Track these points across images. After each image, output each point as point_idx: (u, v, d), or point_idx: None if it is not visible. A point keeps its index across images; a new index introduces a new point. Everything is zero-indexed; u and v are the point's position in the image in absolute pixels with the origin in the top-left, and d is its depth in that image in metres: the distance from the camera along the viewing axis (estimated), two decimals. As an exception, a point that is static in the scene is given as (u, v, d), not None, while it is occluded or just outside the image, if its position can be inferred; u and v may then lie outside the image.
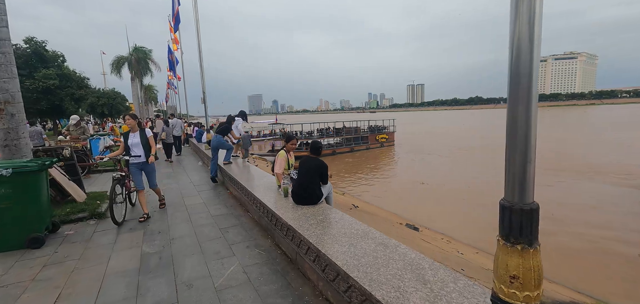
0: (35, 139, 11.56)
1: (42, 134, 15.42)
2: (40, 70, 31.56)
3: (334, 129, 34.26)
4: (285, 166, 4.64)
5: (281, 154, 4.66)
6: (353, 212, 10.72)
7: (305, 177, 3.83)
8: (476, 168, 22.60)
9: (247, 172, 6.33)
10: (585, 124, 55.83)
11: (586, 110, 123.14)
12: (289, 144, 4.73)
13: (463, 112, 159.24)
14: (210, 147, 10.81)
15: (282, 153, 4.67)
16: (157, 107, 69.12)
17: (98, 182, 8.07)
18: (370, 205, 14.29)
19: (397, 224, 11.80)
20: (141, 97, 41.27)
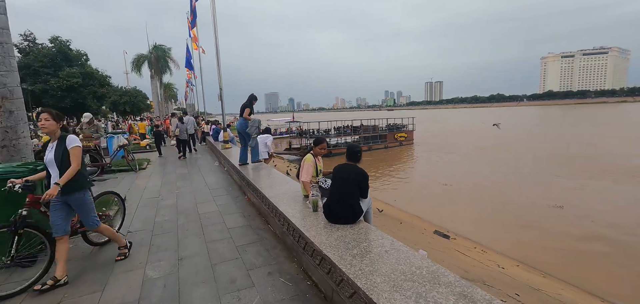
0: None
1: None
2: (65, 69, 32.29)
3: (351, 127, 33.50)
4: (313, 172, 3.91)
5: (308, 158, 3.94)
6: (379, 218, 9.90)
7: (341, 189, 3.09)
8: (499, 168, 21.25)
9: (267, 176, 5.66)
10: (623, 122, 52.21)
11: (617, 108, 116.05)
12: (318, 148, 4.01)
13: (483, 110, 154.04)
14: (226, 146, 10.32)
15: (309, 158, 3.95)
16: (177, 105, 70.27)
17: (109, 184, 7.63)
18: (393, 208, 13.40)
19: (425, 231, 10.89)
20: (161, 95, 41.70)
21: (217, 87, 10.12)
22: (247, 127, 6.69)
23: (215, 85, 10.08)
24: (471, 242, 10.74)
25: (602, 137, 33.35)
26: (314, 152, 4.03)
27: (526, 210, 13.07)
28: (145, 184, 7.40)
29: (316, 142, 4.06)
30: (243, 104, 6.80)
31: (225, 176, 8.11)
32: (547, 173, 19.07)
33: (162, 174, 8.64)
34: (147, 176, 8.52)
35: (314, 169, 3.94)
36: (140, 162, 9.88)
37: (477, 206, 13.95)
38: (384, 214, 11.41)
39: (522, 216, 12.48)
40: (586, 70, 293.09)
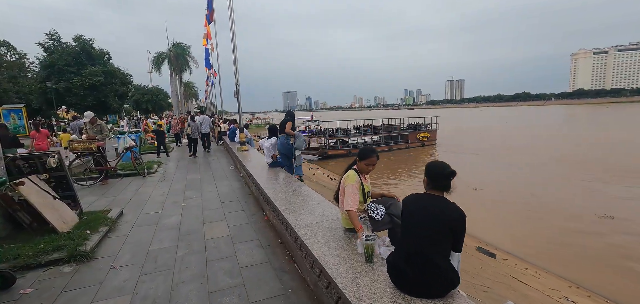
0: (75, 133, 12.79)
1: None
2: (87, 67, 32.62)
3: (372, 126, 32.17)
4: (360, 197, 2.74)
5: (350, 177, 2.77)
6: None
7: (421, 237, 1.89)
8: (528, 171, 19.54)
9: (293, 192, 4.52)
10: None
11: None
12: (364, 163, 2.83)
13: (507, 109, 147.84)
14: (243, 149, 9.29)
15: (351, 176, 2.77)
16: (198, 104, 70.94)
17: (112, 191, 6.73)
18: None
19: (466, 246, 9.47)
20: (180, 93, 41.70)
21: (233, 84, 9.14)
22: (294, 144, 5.82)
23: (232, 83, 9.11)
24: (518, 260, 9.32)
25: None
26: (358, 168, 2.86)
27: (570, 219, 11.57)
28: (150, 193, 6.46)
29: (362, 154, 2.86)
30: (283, 120, 6.02)
31: (241, 184, 7.06)
32: (583, 177, 17.30)
33: (170, 181, 7.70)
34: (155, 182, 7.60)
35: (361, 192, 2.76)
36: (149, 165, 9.01)
37: (513, 214, 12.49)
38: None
39: (567, 226, 11.03)
40: (621, 67, 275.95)
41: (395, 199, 2.92)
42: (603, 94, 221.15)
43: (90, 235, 3.81)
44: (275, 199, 4.09)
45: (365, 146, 2.83)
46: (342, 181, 2.80)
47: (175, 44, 34.30)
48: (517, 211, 12.99)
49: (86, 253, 3.44)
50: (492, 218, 12.35)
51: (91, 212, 4.65)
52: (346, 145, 29.73)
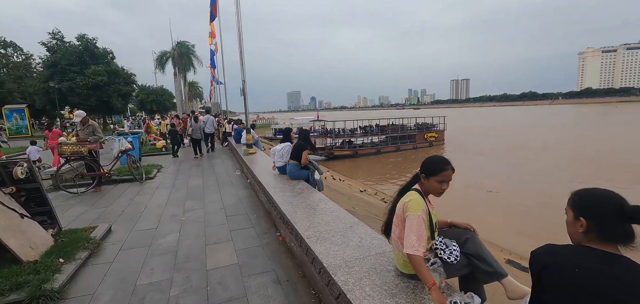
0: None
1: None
2: (91, 66, 32.15)
3: (378, 126, 31.40)
4: (427, 231, 1.91)
5: (415, 203, 1.88)
6: None
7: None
8: (543, 175, 18.64)
9: (314, 207, 3.71)
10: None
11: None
12: (436, 180, 1.96)
13: (514, 109, 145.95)
14: (250, 151, 8.48)
15: (416, 202, 1.89)
16: (202, 104, 70.54)
17: (104, 200, 5.97)
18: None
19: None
20: (185, 93, 41.14)
21: (238, 84, 8.38)
22: (308, 170, 5.17)
23: (237, 83, 8.37)
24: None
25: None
26: (425, 188, 2.03)
27: None
28: (146, 203, 5.69)
29: (432, 167, 1.98)
30: (297, 144, 5.28)
31: (248, 192, 6.26)
32: (599, 178, 16.38)
33: (170, 187, 6.94)
34: (153, 188, 6.84)
35: (428, 225, 1.92)
36: (148, 169, 8.26)
37: (534, 220, 11.59)
38: None
39: None
40: (630, 65, 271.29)
41: (472, 232, 2.09)
42: (612, 93, 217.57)
43: (63, 265, 3.04)
44: (295, 219, 3.27)
45: (433, 157, 1.99)
46: (400, 208, 1.97)
47: (179, 43, 33.67)
48: (542, 217, 12.14)
49: (53, 292, 2.66)
50: (510, 222, 11.57)
51: (72, 230, 3.87)
52: (353, 145, 29.05)
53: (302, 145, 5.09)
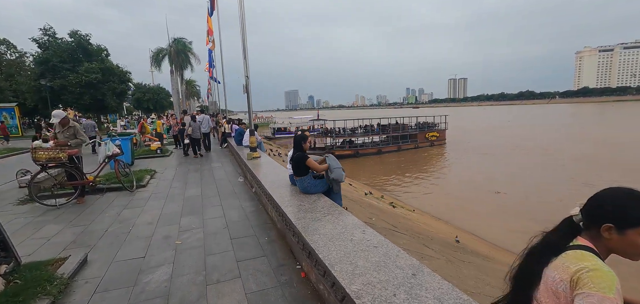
0: (90, 132, 12.84)
1: (95, 128, 14.30)
2: (84, 64, 31.10)
3: (379, 125, 30.86)
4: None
5: (604, 278, 0.91)
6: (462, 255, 6.93)
7: None
8: (548, 173, 18.39)
9: (349, 237, 2.87)
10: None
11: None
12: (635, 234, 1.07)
13: (512, 108, 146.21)
14: (254, 155, 7.58)
15: (605, 276, 0.93)
16: (200, 103, 69.58)
17: (85, 216, 5.09)
18: (465, 233, 10.32)
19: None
20: (182, 92, 40.13)
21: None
22: (331, 173, 4.16)
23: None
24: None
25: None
26: (608, 244, 1.13)
27: None
28: (135, 219, 4.82)
29: (631, 215, 1.07)
30: (295, 156, 4.43)
31: (255, 205, 5.42)
32: (602, 178, 16.10)
33: (164, 197, 6.07)
34: (145, 199, 5.97)
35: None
36: (140, 175, 7.38)
37: (544, 223, 10.88)
38: (462, 245, 8.45)
39: None
40: (626, 65, 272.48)
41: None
42: (608, 92, 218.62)
43: None
44: (330, 260, 2.36)
45: (632, 191, 1.12)
46: (561, 277, 1.10)
47: (176, 40, 32.69)
48: (549, 218, 11.41)
49: None
50: (520, 226, 10.91)
51: (34, 265, 3.01)
52: (353, 145, 28.44)
53: (300, 156, 4.20)
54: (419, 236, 7.48)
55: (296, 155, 4.17)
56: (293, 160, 4.19)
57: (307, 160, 4.06)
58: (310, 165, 4.05)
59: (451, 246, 7.58)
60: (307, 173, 4.14)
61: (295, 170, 4.18)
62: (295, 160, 4.16)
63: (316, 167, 4.05)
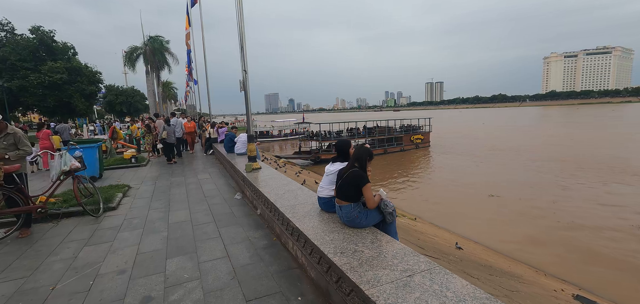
0: (64, 136, 12.25)
1: (70, 131, 13.55)
2: (47, 63, 28.34)
3: (365, 129, 30.58)
4: None
5: None
6: (459, 261, 5.96)
7: None
8: (533, 174, 18.44)
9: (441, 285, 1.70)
10: None
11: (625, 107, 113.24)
12: None
13: (486, 111, 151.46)
14: (255, 167, 6.20)
15: None
16: (177, 106, 66.63)
17: (27, 258, 3.61)
18: (469, 242, 9.45)
19: (559, 298, 6.95)
20: (158, 94, 37.70)
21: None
22: (387, 206, 3.03)
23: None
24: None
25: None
26: None
27: (614, 236, 10.00)
28: (98, 266, 3.41)
29: None
30: (351, 173, 3.04)
31: (264, 232, 4.13)
32: (588, 179, 16.52)
33: (141, 226, 4.65)
34: (114, 230, 4.53)
35: None
36: (109, 194, 5.88)
37: (548, 229, 10.62)
38: (465, 253, 7.53)
39: (613, 246, 9.37)
40: (589, 70, 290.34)
41: None
42: (574, 95, 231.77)
43: None
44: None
45: None
46: None
47: (152, 38, 30.45)
48: (546, 223, 11.12)
49: None
50: (521, 231, 10.30)
51: None
52: None
53: (356, 175, 2.94)
54: (448, 257, 6.43)
55: (351, 173, 2.95)
56: (343, 180, 2.95)
57: (367, 185, 2.85)
58: (368, 193, 2.84)
59: (486, 268, 6.57)
60: (358, 199, 2.92)
61: (343, 192, 2.94)
62: (347, 180, 2.92)
63: (372, 199, 2.85)
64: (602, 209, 12.33)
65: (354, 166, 2.96)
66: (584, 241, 9.80)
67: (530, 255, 9.02)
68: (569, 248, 9.43)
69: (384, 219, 2.98)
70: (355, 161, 3.01)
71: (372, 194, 2.83)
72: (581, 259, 8.81)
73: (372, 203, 2.82)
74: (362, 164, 2.96)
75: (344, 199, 2.94)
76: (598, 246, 9.51)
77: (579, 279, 7.80)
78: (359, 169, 2.93)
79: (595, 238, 10.00)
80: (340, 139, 3.43)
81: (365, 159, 2.97)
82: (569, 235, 10.23)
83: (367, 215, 2.90)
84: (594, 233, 10.34)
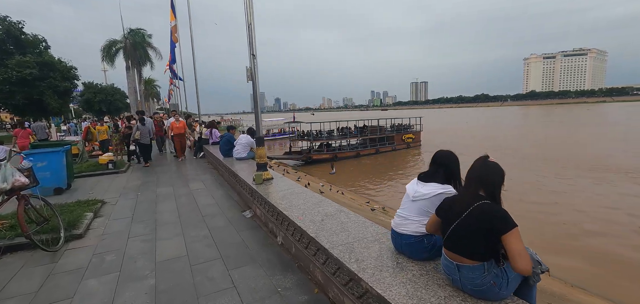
0: (40, 135, 11.71)
1: (46, 129, 12.83)
2: (15, 57, 25.91)
3: (357, 128, 29.80)
4: None
5: None
6: None
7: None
8: (537, 173, 17.99)
9: None
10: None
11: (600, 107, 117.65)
12: None
13: (470, 110, 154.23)
14: (265, 177, 4.86)
15: None
16: (160, 105, 63.92)
17: None
18: None
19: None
20: (140, 92, 35.50)
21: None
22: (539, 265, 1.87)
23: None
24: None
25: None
26: None
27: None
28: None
29: None
30: (483, 208, 1.76)
31: (297, 277, 2.89)
32: (579, 177, 16.45)
33: (118, 266, 3.31)
34: (77, 274, 3.17)
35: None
36: (75, 214, 4.47)
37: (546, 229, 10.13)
38: None
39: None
40: (567, 71, 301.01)
41: None
42: (552, 95, 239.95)
43: None
44: None
45: None
46: None
47: (133, 31, 28.38)
48: (563, 225, 10.50)
49: None
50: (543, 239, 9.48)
51: None
52: (331, 148, 26.73)
53: (497, 214, 1.68)
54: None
55: (480, 208, 1.72)
56: (464, 221, 1.71)
57: (514, 231, 1.60)
58: (518, 245, 1.59)
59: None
60: (492, 255, 1.69)
61: (464, 241, 1.72)
62: (472, 222, 1.67)
63: (523, 256, 1.58)
64: (613, 212, 11.67)
65: (479, 195, 1.75)
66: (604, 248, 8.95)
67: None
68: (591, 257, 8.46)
69: (523, 281, 1.80)
70: (479, 185, 1.79)
71: (523, 246, 1.61)
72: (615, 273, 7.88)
73: (524, 262, 1.58)
74: (494, 192, 1.75)
75: (464, 252, 1.72)
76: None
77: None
78: (492, 202, 1.72)
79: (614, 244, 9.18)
80: (441, 150, 2.24)
81: (500, 183, 1.76)
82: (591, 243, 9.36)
83: (508, 280, 1.69)
84: (610, 238, 9.56)
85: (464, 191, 1.85)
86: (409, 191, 2.28)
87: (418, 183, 2.25)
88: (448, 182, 2.18)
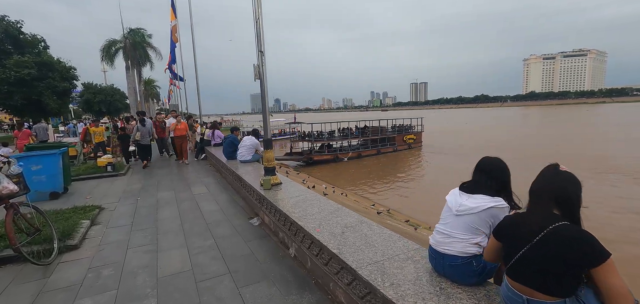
0: (41, 136, 11.62)
1: (47, 131, 12.63)
2: (13, 57, 25.60)
3: (358, 129, 29.48)
4: None
5: None
6: None
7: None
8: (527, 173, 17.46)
9: None
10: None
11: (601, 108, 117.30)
12: None
13: (469, 111, 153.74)
14: (274, 181, 4.55)
15: None
16: (159, 105, 63.61)
17: None
18: None
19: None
20: (140, 92, 35.16)
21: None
22: None
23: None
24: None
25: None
26: None
27: None
28: None
29: None
30: (562, 232, 1.40)
31: (314, 298, 2.58)
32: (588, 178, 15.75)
33: (115, 283, 3.00)
34: (71, 292, 2.86)
35: None
36: (71, 222, 4.17)
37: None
38: None
39: None
40: (566, 71, 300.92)
41: None
42: (552, 96, 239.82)
43: None
44: None
45: None
46: None
47: (133, 31, 28.07)
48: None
49: None
50: None
51: None
52: (332, 149, 26.45)
53: (584, 240, 1.33)
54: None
55: (559, 232, 1.36)
56: (535, 246, 1.40)
57: (609, 262, 1.27)
58: (615, 281, 1.26)
59: None
60: (574, 290, 1.37)
61: (535, 273, 1.40)
62: (550, 248, 1.33)
63: (623, 293, 1.26)
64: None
65: (554, 214, 1.43)
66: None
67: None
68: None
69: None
70: (552, 201, 1.45)
71: (623, 282, 1.28)
72: None
73: (624, 299, 1.26)
74: (572, 210, 1.42)
75: (535, 285, 1.39)
76: None
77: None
78: (572, 222, 1.40)
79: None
80: (488, 157, 1.93)
81: (578, 199, 1.44)
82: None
83: None
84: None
85: (533, 209, 1.52)
86: (450, 203, 1.97)
87: (461, 194, 1.94)
88: (498, 194, 1.87)
